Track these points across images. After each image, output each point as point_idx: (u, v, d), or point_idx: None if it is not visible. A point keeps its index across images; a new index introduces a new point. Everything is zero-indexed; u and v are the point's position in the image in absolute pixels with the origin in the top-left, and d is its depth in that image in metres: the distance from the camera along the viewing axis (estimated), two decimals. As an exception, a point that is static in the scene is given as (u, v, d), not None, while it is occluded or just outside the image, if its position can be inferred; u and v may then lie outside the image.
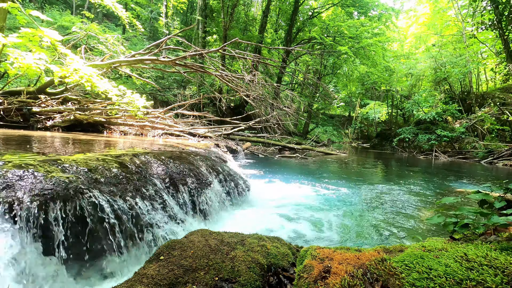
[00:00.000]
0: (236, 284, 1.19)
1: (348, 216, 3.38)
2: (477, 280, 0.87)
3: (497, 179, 6.86)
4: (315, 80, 14.12)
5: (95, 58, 6.43)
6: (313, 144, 14.49)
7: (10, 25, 9.96)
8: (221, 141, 6.88)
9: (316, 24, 17.72)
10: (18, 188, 1.50)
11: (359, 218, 3.32)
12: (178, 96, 13.81)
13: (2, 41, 3.15)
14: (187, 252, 1.32)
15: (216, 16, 17.19)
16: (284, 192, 4.39)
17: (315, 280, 1.07)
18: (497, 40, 12.68)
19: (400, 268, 1.01)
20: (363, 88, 25.33)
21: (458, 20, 18.06)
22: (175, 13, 19.14)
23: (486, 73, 19.88)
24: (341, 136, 27.00)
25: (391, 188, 5.19)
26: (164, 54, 6.57)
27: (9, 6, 3.60)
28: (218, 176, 3.37)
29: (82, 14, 15.26)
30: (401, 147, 17.33)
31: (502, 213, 1.30)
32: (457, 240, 1.25)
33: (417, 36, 24.60)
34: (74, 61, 3.55)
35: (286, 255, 1.48)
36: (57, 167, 1.84)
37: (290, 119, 9.55)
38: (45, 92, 5.94)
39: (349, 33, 16.36)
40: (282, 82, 17.84)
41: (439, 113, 14.68)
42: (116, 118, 6.09)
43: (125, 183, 2.11)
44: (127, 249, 1.81)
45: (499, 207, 1.31)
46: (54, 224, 1.50)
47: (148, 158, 2.68)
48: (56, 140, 3.58)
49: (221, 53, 10.60)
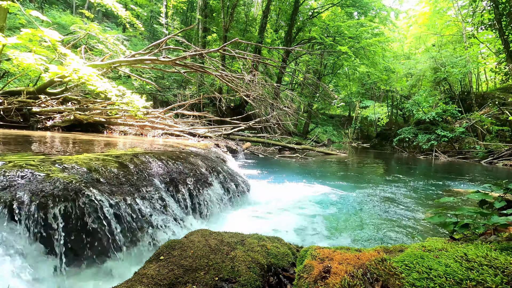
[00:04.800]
0: (236, 284, 1.19)
1: (348, 216, 3.38)
2: (477, 280, 0.87)
3: (497, 179, 6.86)
4: (315, 80, 14.11)
5: (95, 58, 6.43)
6: (313, 144, 14.49)
7: (10, 25, 9.96)
8: (221, 141, 6.88)
9: (316, 24, 17.72)
10: (18, 188, 1.50)
11: (359, 218, 3.32)
12: (178, 96, 13.80)
13: (2, 41, 3.15)
14: (187, 252, 1.32)
15: (216, 16, 17.19)
16: (284, 192, 4.39)
17: (315, 280, 1.07)
18: (497, 40, 12.68)
19: (400, 268, 1.01)
20: (363, 88, 25.34)
21: (458, 20, 18.07)
22: (175, 13, 19.14)
23: (486, 73, 19.89)
24: (341, 136, 27.00)
25: (391, 188, 5.19)
26: (164, 54, 6.57)
27: (9, 6, 3.60)
28: (218, 176, 3.37)
29: (81, 13, 15.25)
30: (401, 147, 17.33)
31: (502, 213, 1.30)
32: (457, 240, 1.25)
33: (417, 37, 24.62)
34: (74, 61, 3.55)
35: (286, 255, 1.48)
36: (57, 167, 1.84)
37: (290, 119, 9.55)
38: (45, 92, 5.94)
39: (349, 33, 16.37)
40: (282, 82, 17.84)
41: (439, 113, 14.69)
42: (116, 118, 6.09)
43: (125, 183, 2.11)
44: (127, 249, 1.81)
45: (499, 207, 1.31)
46: (54, 224, 1.50)
47: (148, 158, 2.68)
48: (56, 140, 3.58)
49: (221, 53, 10.60)
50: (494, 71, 13.04)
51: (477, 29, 12.61)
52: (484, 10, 11.83)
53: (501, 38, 10.90)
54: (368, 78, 21.64)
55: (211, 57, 8.37)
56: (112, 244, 1.74)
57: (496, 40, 13.21)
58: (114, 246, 1.74)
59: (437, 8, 20.48)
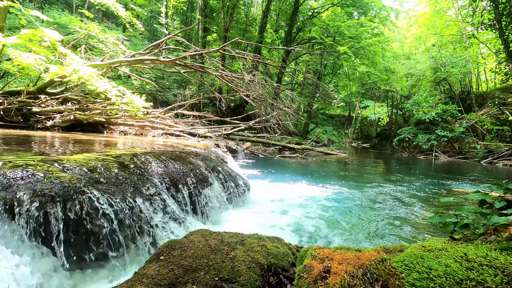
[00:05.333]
0: (236, 284, 1.19)
1: (348, 216, 3.38)
2: (477, 280, 0.87)
3: (497, 179, 6.86)
4: (315, 80, 14.10)
5: (95, 58, 6.42)
6: (313, 144, 14.48)
7: (10, 25, 9.95)
8: (221, 141, 6.88)
9: (316, 24, 17.73)
10: (18, 188, 1.50)
11: (359, 218, 3.32)
12: (178, 96, 13.80)
13: (2, 41, 3.15)
14: (187, 252, 1.32)
15: (216, 16, 17.19)
16: (284, 192, 4.39)
17: (315, 280, 1.07)
18: (497, 40, 12.68)
19: (400, 268, 1.01)
20: (363, 88, 25.34)
21: (458, 20, 18.07)
22: (175, 13, 19.13)
23: (486, 73, 19.89)
24: (341, 136, 27.01)
25: (391, 188, 5.19)
26: (164, 54, 6.58)
27: (9, 5, 3.59)
28: (218, 176, 3.37)
29: (81, 13, 15.25)
30: (401, 147, 17.33)
31: (502, 213, 1.30)
32: (457, 240, 1.25)
33: (417, 37, 24.63)
34: (74, 61, 3.54)
35: (286, 255, 1.48)
36: (57, 167, 1.84)
37: (290, 119, 9.55)
38: (45, 92, 5.93)
39: (349, 33, 16.37)
40: (282, 82, 17.84)
41: (439, 113, 14.70)
42: (116, 118, 6.08)
43: (125, 183, 2.11)
44: (127, 249, 1.81)
45: (499, 207, 1.31)
46: (54, 224, 1.50)
47: (148, 158, 2.68)
48: (56, 140, 3.58)
49: (221, 53, 10.60)
50: (494, 71, 13.03)
51: (477, 29, 12.60)
52: (484, 10, 11.82)
53: (501, 38, 10.89)
54: (368, 78, 21.64)
55: (211, 57, 8.36)
56: (112, 244, 1.74)
57: (496, 40, 13.21)
58: (114, 246, 1.74)
59: (437, 8, 20.49)
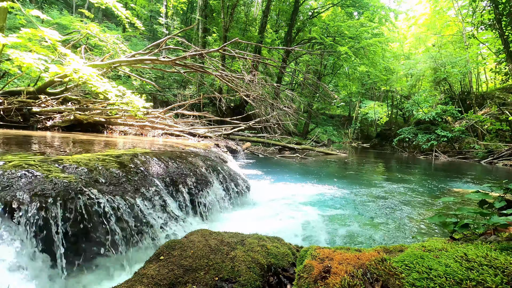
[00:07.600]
0: (236, 284, 1.18)
1: (348, 216, 3.38)
2: (477, 280, 0.87)
3: (497, 179, 6.86)
4: (315, 80, 14.11)
5: (95, 58, 6.43)
6: (313, 144, 14.48)
7: (10, 25, 9.95)
8: (221, 141, 6.88)
9: (316, 24, 17.74)
10: (18, 188, 1.50)
11: (359, 218, 3.32)
12: (178, 96, 13.81)
13: (2, 41, 3.15)
14: (187, 252, 1.32)
15: (216, 16, 17.19)
16: (284, 192, 4.39)
17: (315, 280, 1.07)
18: (497, 40, 12.69)
19: (400, 268, 1.01)
20: (363, 88, 25.36)
21: (458, 20, 18.07)
22: (175, 13, 19.13)
23: (486, 73, 19.89)
24: (341, 136, 27.01)
25: (391, 188, 5.19)
26: (164, 54, 6.58)
27: (9, 5, 3.59)
28: (218, 176, 3.37)
29: (81, 13, 15.25)
30: (401, 147, 17.34)
31: (502, 213, 1.30)
32: (457, 240, 1.25)
33: (417, 37, 24.64)
34: (74, 61, 3.54)
35: (286, 255, 1.48)
36: (57, 167, 1.84)
37: (290, 119, 9.55)
38: (45, 92, 5.93)
39: (349, 33, 16.38)
40: (282, 82, 17.85)
41: (439, 113, 14.70)
42: (116, 118, 6.08)
43: (125, 183, 2.11)
44: (126, 249, 1.81)
45: (499, 207, 1.31)
46: (53, 224, 1.50)
47: (148, 158, 2.68)
48: (56, 140, 3.58)
49: (221, 53, 10.60)
50: (494, 71, 13.04)
51: (477, 29, 12.61)
52: (484, 10, 11.82)
53: (501, 38, 10.90)
54: (368, 78, 21.65)
55: (211, 57, 8.37)
56: (112, 244, 1.74)
57: (496, 40, 13.21)
58: (114, 246, 1.74)
59: (437, 8, 20.49)
